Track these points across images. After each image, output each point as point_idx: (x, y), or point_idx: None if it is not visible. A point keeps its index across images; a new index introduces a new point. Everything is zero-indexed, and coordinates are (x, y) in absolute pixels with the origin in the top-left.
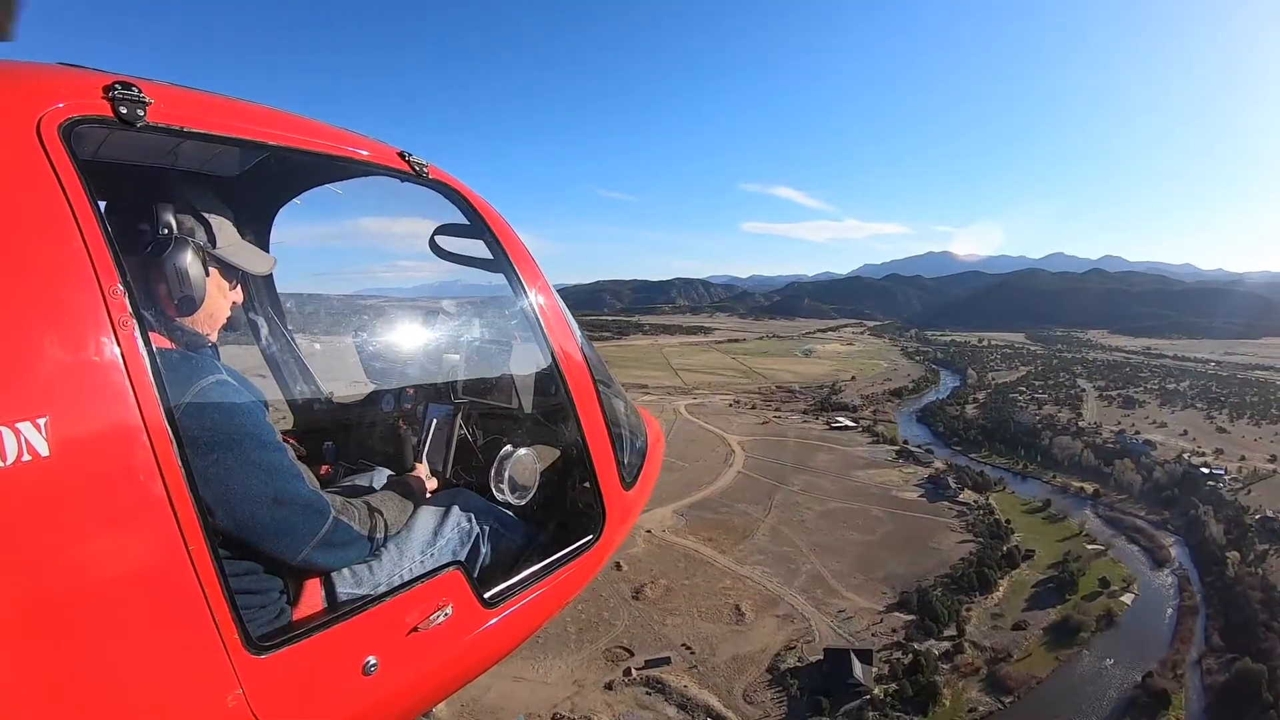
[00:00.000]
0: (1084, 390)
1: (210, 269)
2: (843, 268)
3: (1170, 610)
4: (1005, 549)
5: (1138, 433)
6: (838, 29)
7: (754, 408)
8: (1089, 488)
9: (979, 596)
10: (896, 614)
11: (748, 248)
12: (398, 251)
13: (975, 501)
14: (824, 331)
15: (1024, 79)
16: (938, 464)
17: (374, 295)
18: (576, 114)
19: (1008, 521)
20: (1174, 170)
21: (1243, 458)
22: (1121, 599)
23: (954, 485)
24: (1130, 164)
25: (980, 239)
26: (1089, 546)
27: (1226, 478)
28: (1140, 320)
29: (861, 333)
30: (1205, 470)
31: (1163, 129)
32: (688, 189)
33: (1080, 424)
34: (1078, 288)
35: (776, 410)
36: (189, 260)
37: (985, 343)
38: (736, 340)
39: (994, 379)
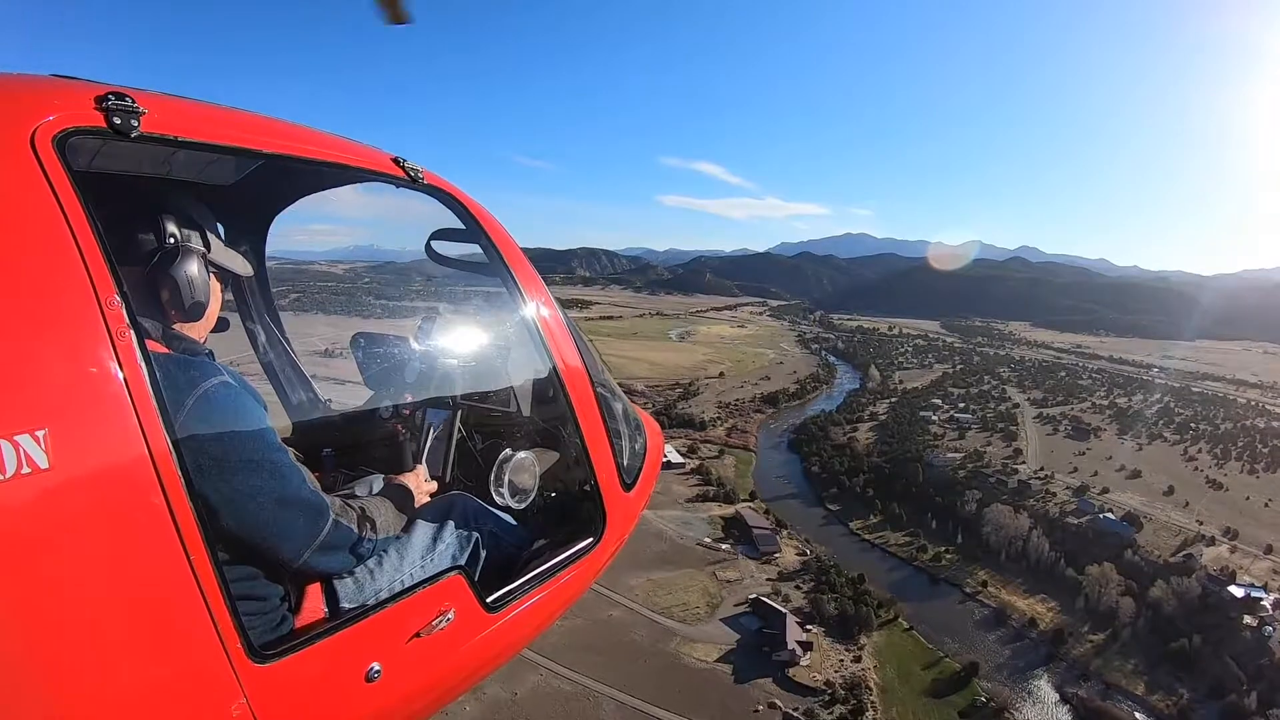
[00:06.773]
0: (1018, 406)
1: (210, 274)
2: (760, 245)
3: None
4: None
5: (1105, 492)
6: (767, 9)
7: None
8: (1045, 615)
9: None
10: None
11: (666, 221)
12: (321, 214)
13: (831, 679)
14: (719, 310)
15: (946, 70)
16: (788, 552)
17: (286, 259)
18: (494, 75)
19: None
20: (1090, 167)
21: (1270, 548)
22: None
23: (797, 643)
24: (1048, 157)
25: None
26: None
27: (1268, 600)
28: (1064, 314)
29: (761, 313)
30: (1235, 591)
31: (1080, 126)
32: (608, 159)
33: (1019, 469)
34: (998, 275)
35: None
36: (196, 268)
37: (896, 330)
38: (612, 317)
39: (902, 382)
